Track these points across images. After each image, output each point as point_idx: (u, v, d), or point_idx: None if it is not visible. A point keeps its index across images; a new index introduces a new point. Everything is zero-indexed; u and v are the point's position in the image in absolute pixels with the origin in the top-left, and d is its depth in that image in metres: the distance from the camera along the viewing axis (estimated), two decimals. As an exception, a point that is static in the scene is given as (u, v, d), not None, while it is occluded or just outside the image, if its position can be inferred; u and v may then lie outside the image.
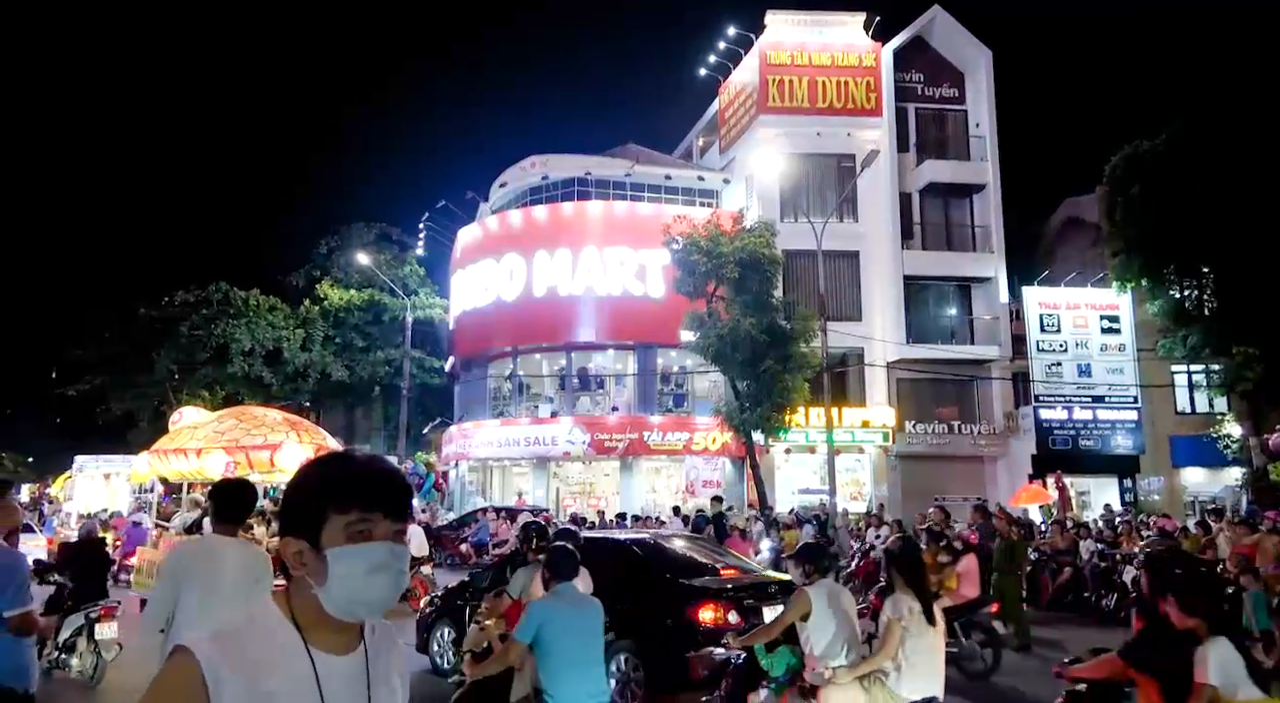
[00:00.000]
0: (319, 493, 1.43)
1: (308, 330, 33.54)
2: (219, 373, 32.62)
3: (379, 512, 1.42)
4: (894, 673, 4.50)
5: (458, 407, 31.14)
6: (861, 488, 25.36)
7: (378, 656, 1.49)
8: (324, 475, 1.46)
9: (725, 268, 20.32)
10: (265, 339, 32.24)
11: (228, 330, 31.68)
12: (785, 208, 25.87)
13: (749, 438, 21.40)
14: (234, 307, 32.44)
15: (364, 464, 1.49)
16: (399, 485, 1.48)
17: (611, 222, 26.70)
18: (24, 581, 3.90)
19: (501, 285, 27.14)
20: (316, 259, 37.12)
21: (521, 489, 26.72)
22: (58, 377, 39.50)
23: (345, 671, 1.42)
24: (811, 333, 20.75)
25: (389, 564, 1.41)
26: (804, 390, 20.81)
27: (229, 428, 11.79)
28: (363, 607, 1.43)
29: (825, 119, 26.52)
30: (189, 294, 32.67)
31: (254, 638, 1.39)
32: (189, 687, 1.31)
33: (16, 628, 3.79)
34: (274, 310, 33.33)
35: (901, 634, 4.48)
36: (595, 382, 27.97)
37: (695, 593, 7.10)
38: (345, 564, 1.39)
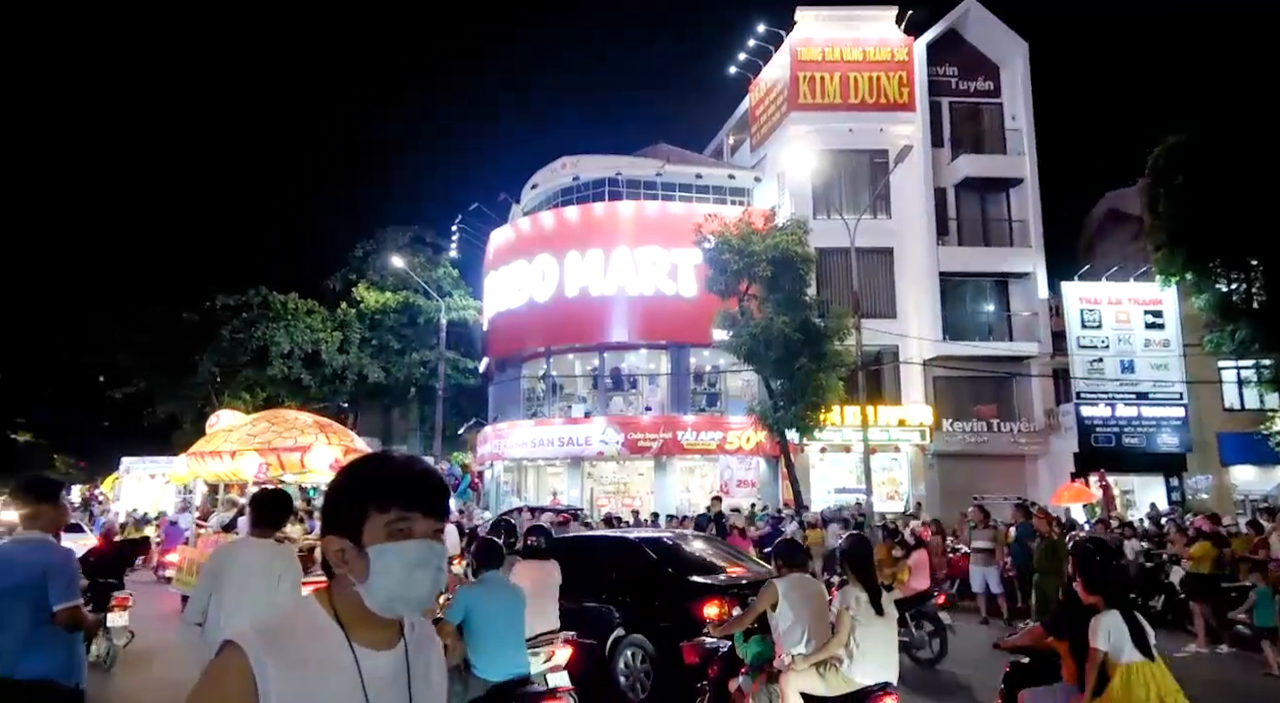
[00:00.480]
0: (360, 492, 1.46)
1: (345, 333, 34.03)
2: (259, 375, 33.24)
3: (417, 510, 1.45)
4: (847, 660, 4.80)
5: (492, 407, 31.38)
6: (898, 487, 25.08)
7: (418, 652, 1.52)
8: (364, 475, 1.50)
9: (757, 266, 20.21)
10: (304, 342, 32.77)
11: (267, 333, 32.26)
12: (817, 205, 25.67)
13: (783, 437, 21.27)
14: (273, 310, 33.02)
15: (402, 464, 1.52)
16: (436, 485, 1.51)
17: (643, 221, 26.71)
18: (74, 576, 3.99)
19: (534, 286, 27.29)
20: (352, 263, 37.65)
21: (556, 489, 26.84)
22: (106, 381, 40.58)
23: (387, 666, 1.45)
24: (845, 331, 20.57)
25: (428, 561, 1.44)
26: (838, 389, 20.62)
27: (261, 430, 12.07)
28: (403, 603, 1.45)
29: (857, 115, 26.27)
30: (229, 299, 33.32)
31: (299, 633, 1.42)
32: (238, 679, 1.34)
33: (66, 622, 3.87)
34: (312, 313, 33.86)
35: (852, 624, 4.79)
36: (628, 382, 28.00)
37: (702, 590, 7.25)
38: (385, 561, 1.42)
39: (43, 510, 4.08)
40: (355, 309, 34.96)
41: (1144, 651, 4.11)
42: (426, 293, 33.50)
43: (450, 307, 32.44)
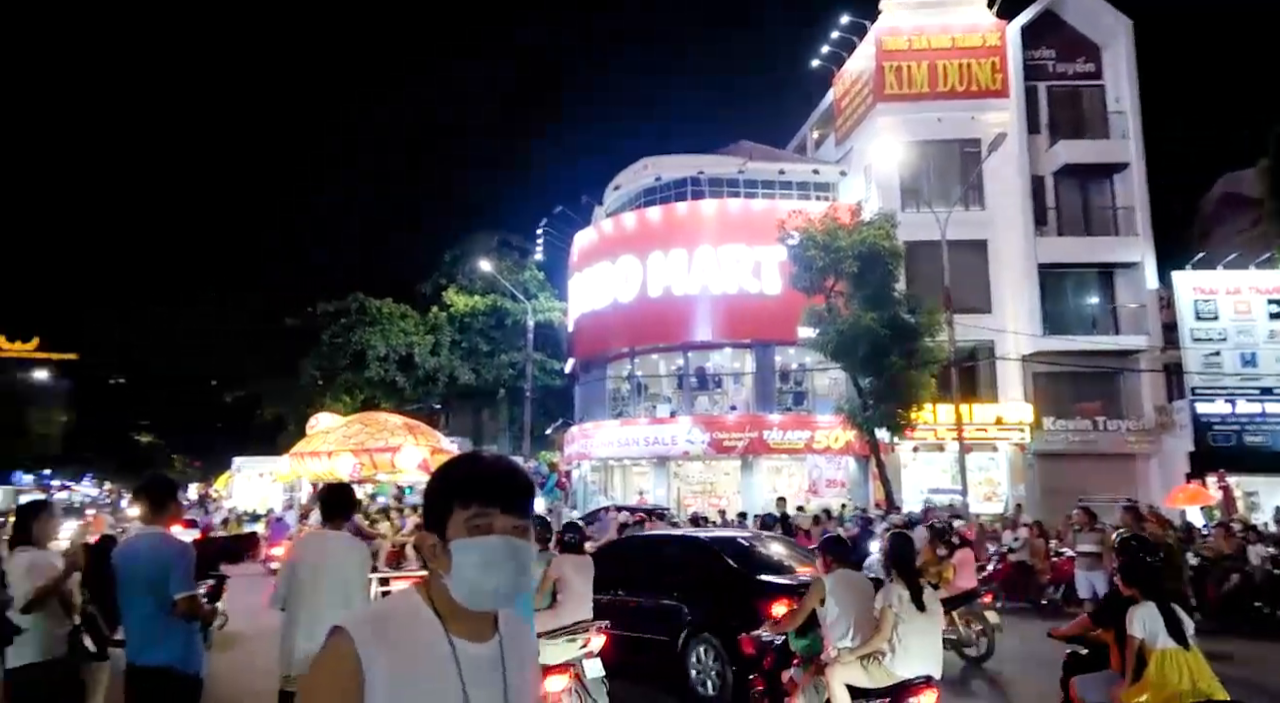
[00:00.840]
0: (446, 490, 1.53)
1: (436, 336, 35.06)
2: (357, 378, 34.61)
3: (496, 507, 1.49)
4: (890, 654, 5.05)
5: (578, 407, 31.76)
6: (996, 488, 24.15)
7: (512, 646, 1.56)
8: (450, 474, 1.56)
9: (844, 262, 19.81)
10: (398, 345, 33.95)
11: (364, 337, 33.58)
12: (906, 198, 24.99)
13: (873, 436, 20.79)
14: (369, 315, 34.34)
15: (486, 463, 1.57)
16: (518, 483, 1.54)
17: (725, 220, 26.56)
18: (191, 567, 4.22)
19: (618, 287, 27.49)
20: (442, 268, 38.74)
21: (642, 488, 26.96)
22: (218, 385, 43.06)
23: (482, 658, 1.50)
24: (937, 326, 19.96)
25: (505, 557, 1.47)
26: (931, 386, 20.01)
27: (355, 432, 12.65)
28: (483, 597, 1.48)
29: (947, 104, 25.45)
30: (329, 305, 34.82)
31: (402, 622, 1.48)
32: (345, 663, 1.41)
33: (184, 611, 4.09)
34: (405, 317, 35.04)
35: (895, 620, 5.04)
36: (713, 381, 27.89)
37: (771, 589, 7.34)
38: (464, 555, 1.47)
39: (159, 508, 4.36)
40: (446, 313, 35.97)
41: (1179, 639, 4.40)
42: (513, 296, 34.18)
43: (536, 309, 33.01)
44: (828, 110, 30.34)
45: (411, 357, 34.27)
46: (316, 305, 35.05)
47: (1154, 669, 4.36)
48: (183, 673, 4.14)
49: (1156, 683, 4.33)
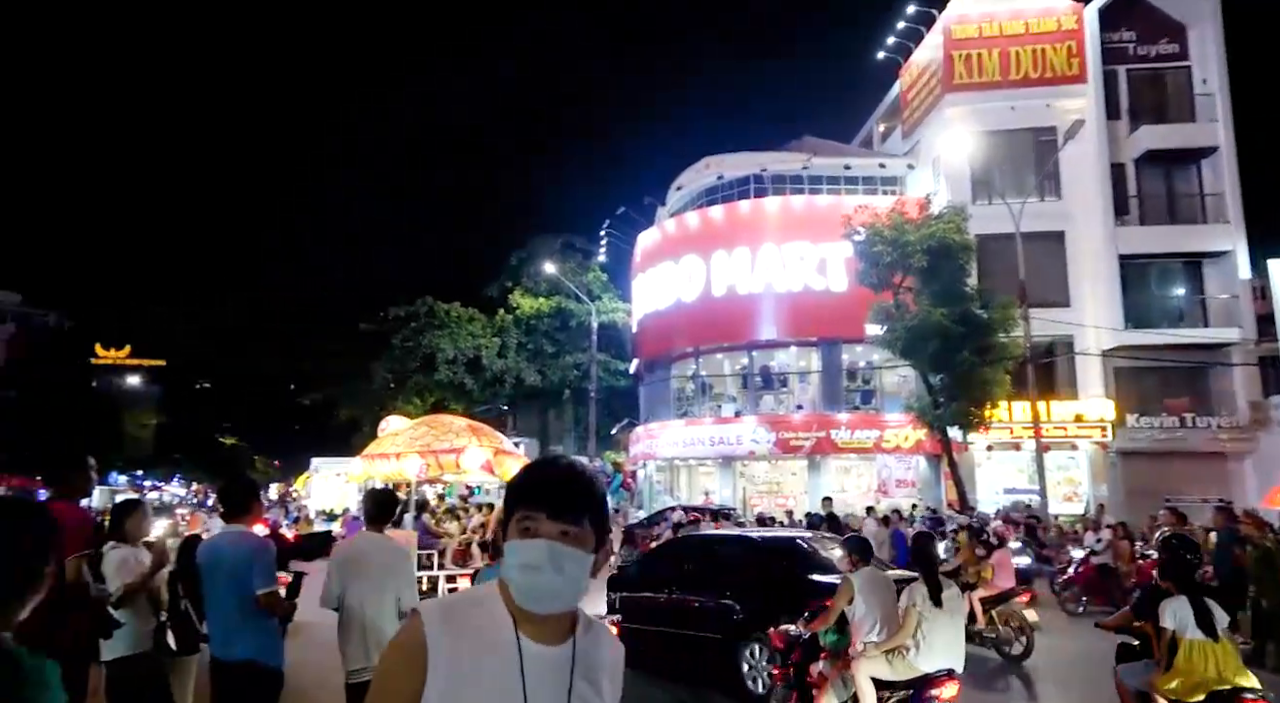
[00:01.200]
0: (509, 493, 1.58)
1: (503, 338, 35.60)
2: (428, 380, 35.38)
3: (542, 511, 1.50)
4: (913, 649, 5.32)
5: (643, 407, 31.82)
6: (1077, 488, 23.25)
7: (587, 653, 1.56)
8: (516, 478, 1.61)
9: (912, 257, 19.36)
10: (466, 348, 34.59)
11: (434, 341, 34.32)
12: (977, 190, 24.28)
13: (945, 435, 20.25)
14: (438, 319, 35.08)
15: (544, 469, 1.59)
16: (569, 489, 1.54)
17: (789, 216, 26.26)
18: (272, 563, 4.37)
19: (681, 287, 27.45)
20: (508, 271, 39.31)
21: (708, 488, 26.84)
22: (296, 388, 44.60)
23: (549, 660, 1.50)
24: (1012, 322, 19.32)
25: (543, 561, 1.47)
26: (1005, 383, 19.38)
27: (422, 434, 13.02)
28: (528, 599, 1.49)
29: (1020, 92, 24.65)
30: (400, 310, 35.70)
31: (476, 614, 1.52)
32: (412, 641, 1.48)
33: (266, 606, 4.23)
34: (473, 321, 35.68)
35: (918, 618, 5.32)
36: (778, 380, 27.60)
37: (822, 588, 7.39)
38: (510, 556, 1.51)
39: (242, 507, 4.54)
40: (512, 315, 36.49)
41: (1208, 631, 4.71)
42: (577, 297, 34.46)
43: (600, 310, 33.22)
44: (894, 103, 29.73)
45: (479, 359, 34.87)
46: (388, 310, 35.97)
47: (1182, 658, 4.73)
48: (264, 667, 4.27)
49: (1185, 670, 4.70)
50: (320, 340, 40.00)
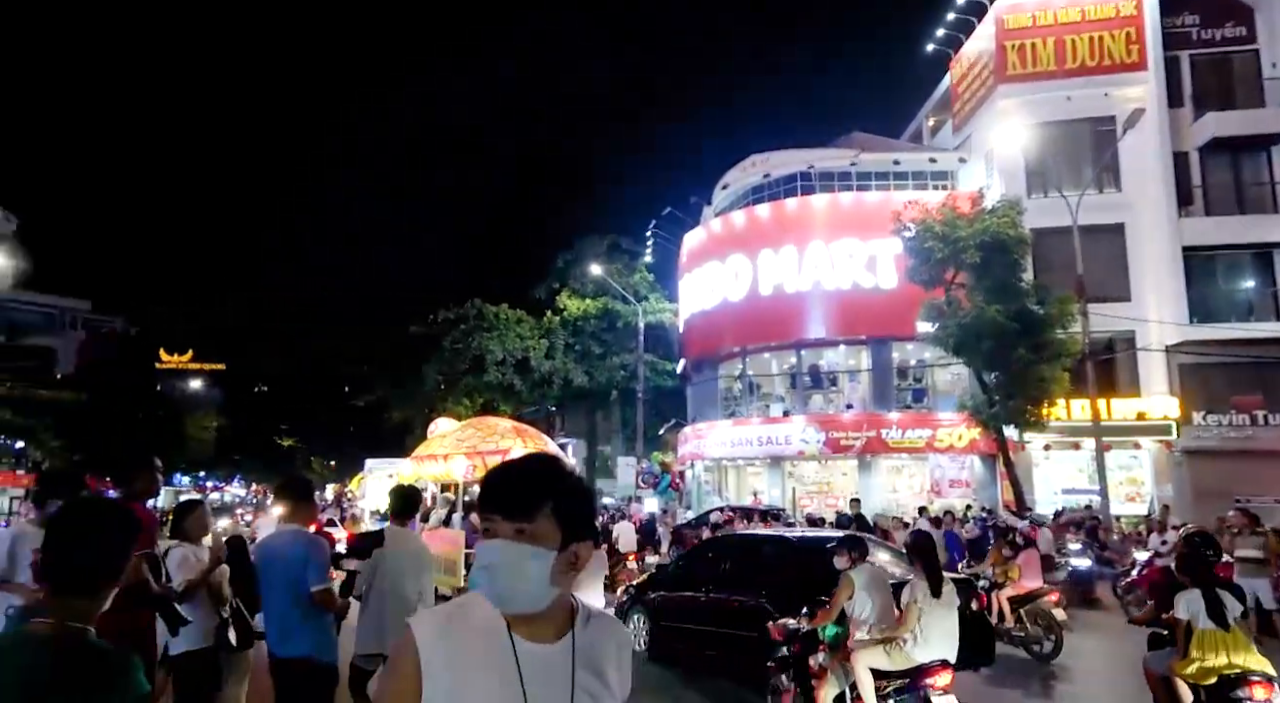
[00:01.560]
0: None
1: (550, 340, 35.81)
2: (477, 382, 35.77)
3: (498, 513, 1.51)
4: (910, 641, 5.59)
5: (690, 408, 31.74)
6: (1140, 488, 22.49)
7: (588, 647, 1.55)
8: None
9: (964, 253, 18.96)
10: (514, 349, 34.88)
11: (483, 343, 34.68)
12: (1032, 183, 23.68)
13: (1000, 434, 19.78)
14: (487, 321, 35.44)
15: (497, 471, 1.60)
16: (516, 486, 1.54)
17: (837, 214, 25.95)
18: (325, 561, 4.47)
19: (728, 286, 27.31)
20: (555, 272, 39.54)
21: (757, 489, 26.65)
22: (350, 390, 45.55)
23: (547, 658, 1.50)
24: (1069, 317, 18.79)
25: (499, 560, 1.47)
26: (1063, 381, 18.84)
27: (468, 436, 13.38)
28: (494, 600, 1.50)
29: (1076, 81, 23.97)
30: (449, 312, 36.18)
31: (467, 618, 1.52)
32: (406, 652, 1.49)
33: (320, 602, 4.32)
34: (520, 322, 35.97)
35: (918, 612, 5.60)
36: (827, 379, 27.29)
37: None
38: (476, 559, 1.53)
39: (298, 507, 4.68)
40: (559, 317, 36.69)
41: (1219, 621, 5.15)
42: (624, 298, 34.51)
43: (647, 310, 33.21)
44: (944, 96, 29.18)
45: (527, 360, 35.14)
46: (438, 313, 36.48)
47: (1195, 644, 5.22)
48: (320, 663, 4.37)
49: (1197, 657, 5.19)
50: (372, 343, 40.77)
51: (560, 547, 1.50)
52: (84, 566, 1.94)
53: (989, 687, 8.29)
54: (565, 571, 1.51)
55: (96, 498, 2.76)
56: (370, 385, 41.30)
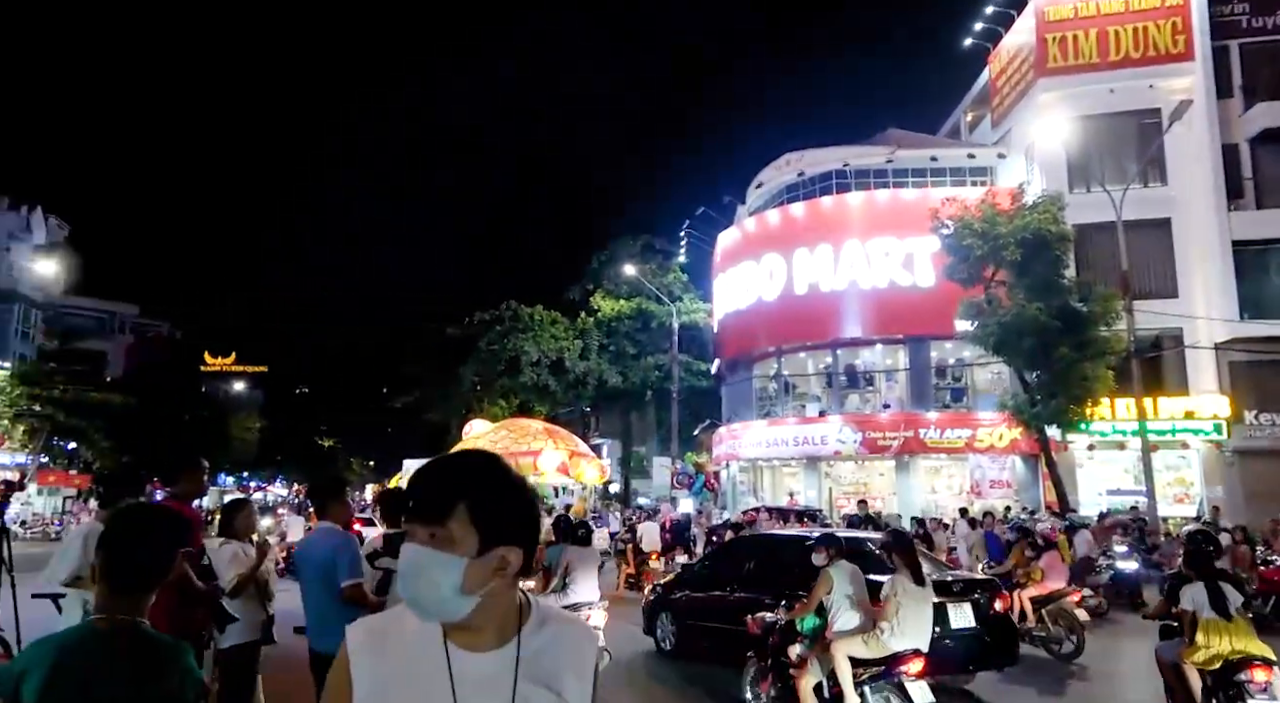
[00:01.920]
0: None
1: (585, 340, 35.96)
2: (513, 383, 36.05)
3: (415, 519, 1.40)
4: (887, 631, 5.93)
5: (725, 408, 31.63)
6: (1188, 489, 21.92)
7: (537, 654, 1.44)
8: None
9: (1004, 250, 18.65)
10: (549, 350, 35.09)
11: (518, 344, 34.94)
12: (1074, 178, 23.22)
13: (1042, 434, 19.42)
14: (522, 322, 35.71)
15: (420, 469, 1.50)
16: (426, 488, 1.42)
17: (873, 211, 25.69)
18: (355, 557, 4.54)
19: (762, 286, 27.18)
20: (589, 274, 39.71)
21: (793, 489, 26.48)
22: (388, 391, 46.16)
23: (485, 668, 1.40)
24: (1114, 314, 18.39)
25: (406, 567, 1.38)
26: (1108, 379, 18.44)
27: (501, 437, 13.81)
28: (411, 608, 1.40)
29: (1120, 73, 23.46)
30: (485, 313, 36.51)
31: (404, 630, 1.43)
32: (339, 661, 1.44)
33: (350, 598, 4.40)
34: (555, 324, 36.18)
35: (897, 605, 5.97)
36: (864, 378, 27.03)
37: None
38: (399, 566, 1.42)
39: (331, 506, 4.79)
40: (593, 318, 36.83)
41: (1220, 612, 5.61)
42: (658, 299, 34.54)
43: (681, 311, 33.21)
44: (983, 91, 28.75)
45: (562, 361, 35.32)
46: (474, 314, 36.83)
47: (1200, 634, 5.67)
48: None
49: (1203, 645, 5.65)
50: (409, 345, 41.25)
51: (478, 551, 1.36)
52: (141, 565, 2.08)
53: (1007, 685, 8.28)
54: (490, 577, 1.37)
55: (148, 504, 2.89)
56: (408, 386, 41.78)
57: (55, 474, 36.77)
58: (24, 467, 32.44)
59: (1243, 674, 5.79)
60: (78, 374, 32.90)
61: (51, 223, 42.52)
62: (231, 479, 60.60)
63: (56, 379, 31.45)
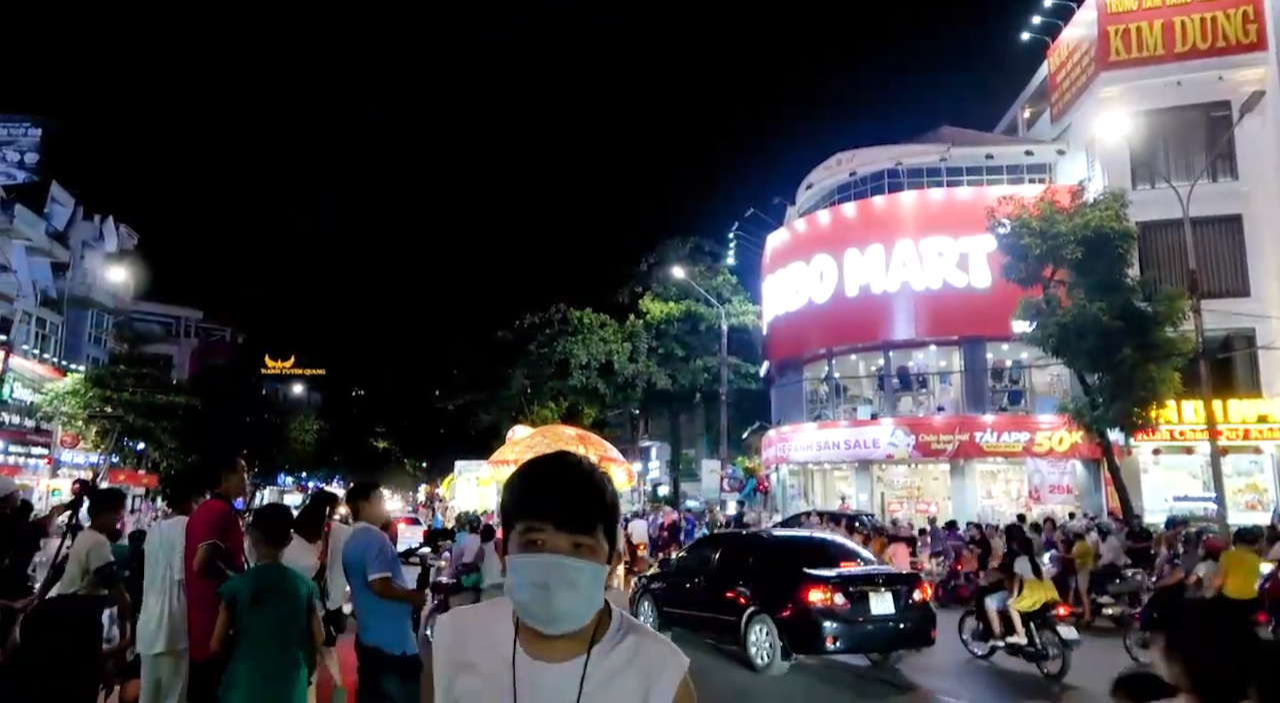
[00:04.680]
0: (507, 500, 1.42)
1: (633, 343, 36.00)
2: (562, 385, 36.28)
3: (549, 522, 1.33)
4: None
5: (774, 410, 31.38)
6: (1262, 496, 21.03)
7: (607, 674, 1.37)
8: (511, 484, 1.42)
9: (1064, 248, 18.13)
10: (598, 353, 35.22)
11: (567, 347, 35.16)
12: (1138, 174, 22.49)
13: (1104, 438, 18.82)
14: (571, 325, 35.92)
15: (543, 467, 1.41)
16: (574, 493, 1.36)
17: (926, 211, 25.25)
18: (382, 552, 4.73)
19: (812, 287, 26.91)
20: (638, 276, 39.77)
21: (844, 493, 26.15)
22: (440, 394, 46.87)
23: (552, 680, 1.35)
24: (1180, 314, 17.74)
25: (553, 579, 1.30)
26: (1174, 381, 17.80)
27: (536, 443, 14.65)
28: (536, 620, 1.34)
29: (1186, 65, 22.66)
30: (535, 317, 36.83)
31: (482, 631, 1.42)
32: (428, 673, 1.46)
33: (379, 591, 4.60)
34: (604, 326, 36.30)
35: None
36: (917, 381, 26.56)
37: (814, 580, 8.96)
38: (513, 573, 1.35)
39: (364, 507, 5.04)
40: (642, 320, 36.87)
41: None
42: (707, 301, 34.43)
43: (730, 313, 33.05)
44: (1041, 86, 28.05)
45: (611, 364, 35.41)
46: (523, 317, 37.18)
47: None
48: (389, 654, 4.63)
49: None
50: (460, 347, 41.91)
51: (607, 563, 1.36)
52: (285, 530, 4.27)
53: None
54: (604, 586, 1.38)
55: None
56: (459, 389, 42.36)
57: (125, 474, 38.17)
58: (96, 466, 33.72)
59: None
60: (146, 377, 34.06)
61: (122, 231, 44.14)
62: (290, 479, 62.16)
63: (127, 382, 32.60)
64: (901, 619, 8.93)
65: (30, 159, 35.36)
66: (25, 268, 33.70)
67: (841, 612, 8.63)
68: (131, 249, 45.32)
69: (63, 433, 33.86)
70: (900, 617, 8.92)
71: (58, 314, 37.78)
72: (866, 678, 9.16)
